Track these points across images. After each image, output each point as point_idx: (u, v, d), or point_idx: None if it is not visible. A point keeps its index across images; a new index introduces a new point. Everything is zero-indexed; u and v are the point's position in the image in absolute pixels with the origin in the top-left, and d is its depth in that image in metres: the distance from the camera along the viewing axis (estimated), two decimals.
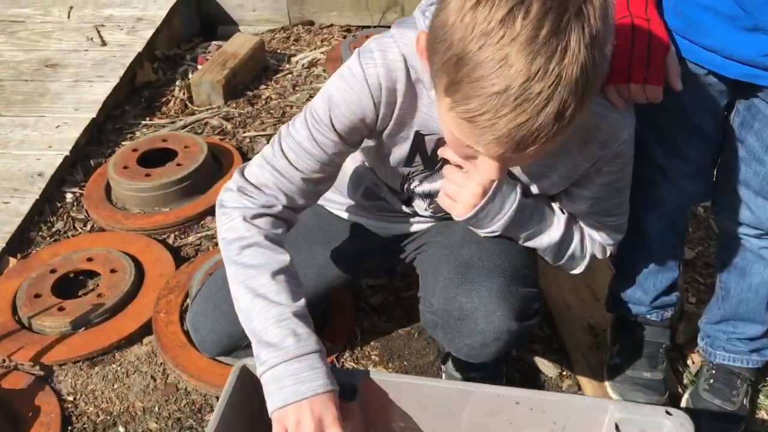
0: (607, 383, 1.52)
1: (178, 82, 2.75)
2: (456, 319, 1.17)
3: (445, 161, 1.14)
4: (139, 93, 2.70)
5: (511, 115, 0.82)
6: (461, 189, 1.13)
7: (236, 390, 1.14)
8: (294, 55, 2.98)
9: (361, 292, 1.84)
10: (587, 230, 1.27)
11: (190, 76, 2.74)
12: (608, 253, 1.30)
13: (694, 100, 1.21)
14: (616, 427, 1.06)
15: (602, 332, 1.64)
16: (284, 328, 1.03)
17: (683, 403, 1.51)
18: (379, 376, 1.13)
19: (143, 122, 2.54)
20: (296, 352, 1.02)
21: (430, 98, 1.07)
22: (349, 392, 1.11)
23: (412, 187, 1.27)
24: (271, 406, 1.02)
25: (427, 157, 1.17)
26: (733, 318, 1.47)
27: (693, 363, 1.62)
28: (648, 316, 1.52)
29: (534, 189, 1.19)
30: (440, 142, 1.13)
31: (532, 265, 1.25)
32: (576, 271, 1.32)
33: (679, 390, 1.56)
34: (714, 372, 1.50)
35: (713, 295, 1.51)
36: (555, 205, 1.25)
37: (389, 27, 1.13)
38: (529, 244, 1.23)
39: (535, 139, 0.84)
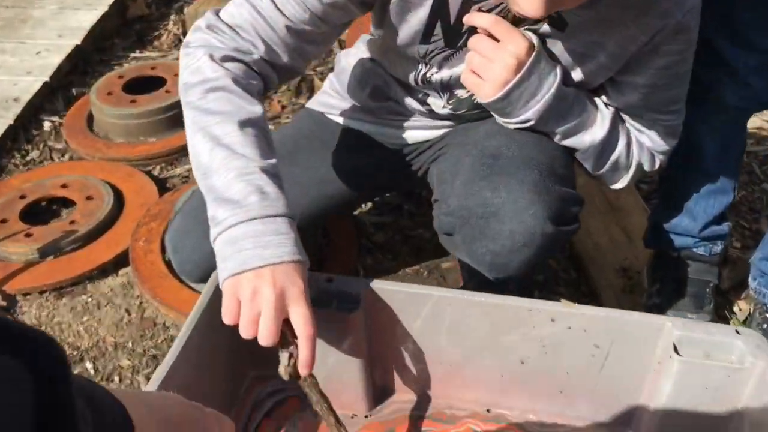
0: None
1: (172, 17, 2.55)
2: (479, 217, 0.95)
3: (472, 31, 0.95)
4: (129, 26, 2.50)
5: None
6: (491, 63, 0.93)
7: (212, 300, 0.96)
8: None
9: (364, 230, 1.65)
10: (635, 133, 1.08)
11: (185, 11, 2.54)
12: (657, 164, 1.11)
13: None
14: (675, 348, 0.86)
15: (636, 274, 1.45)
16: (248, 184, 0.84)
17: None
18: (386, 285, 0.94)
19: (133, 55, 2.35)
20: (261, 212, 0.83)
21: None
22: (350, 302, 0.92)
23: (428, 75, 1.07)
24: (223, 274, 0.83)
25: (450, 27, 0.97)
26: None
27: (740, 310, 1.43)
28: (695, 250, 1.33)
29: (576, 75, 1.00)
30: (466, 6, 0.93)
31: (570, 165, 1.05)
32: (618, 185, 1.12)
33: None
34: (765, 315, 1.31)
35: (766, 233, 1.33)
36: (599, 100, 1.05)
37: None
38: (567, 142, 1.04)
39: None
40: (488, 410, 1.03)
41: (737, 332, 0.86)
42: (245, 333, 0.82)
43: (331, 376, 0.94)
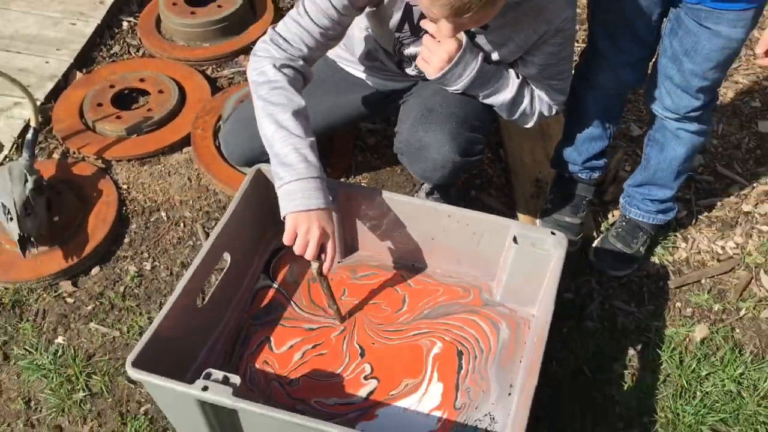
0: (537, 221, 1.95)
1: None
2: (416, 148, 1.58)
3: (422, 33, 1.50)
4: None
5: None
6: (433, 55, 1.49)
7: (251, 186, 1.59)
8: None
9: (360, 133, 2.24)
10: (537, 92, 1.63)
11: None
12: (554, 111, 1.66)
13: (635, 7, 1.53)
14: (515, 239, 1.49)
15: (545, 185, 2.05)
16: (299, 154, 1.40)
17: (594, 244, 1.94)
18: (350, 187, 1.57)
19: None
20: (307, 174, 1.40)
21: None
22: (333, 196, 1.55)
23: (403, 50, 1.63)
24: (284, 210, 1.41)
25: (413, 26, 1.53)
26: (649, 183, 1.86)
27: (612, 217, 2.04)
28: (579, 174, 1.92)
29: (495, 57, 1.54)
30: (423, 15, 1.48)
31: (484, 119, 1.63)
32: (528, 125, 1.68)
33: (594, 234, 1.98)
34: (624, 224, 1.92)
35: (639, 166, 1.90)
36: (512, 72, 1.61)
37: None
38: (488, 101, 1.60)
39: (468, 8, 1.21)
40: (413, 265, 1.68)
41: (552, 233, 1.48)
42: (299, 251, 1.40)
43: None
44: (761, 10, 1.45)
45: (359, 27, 1.71)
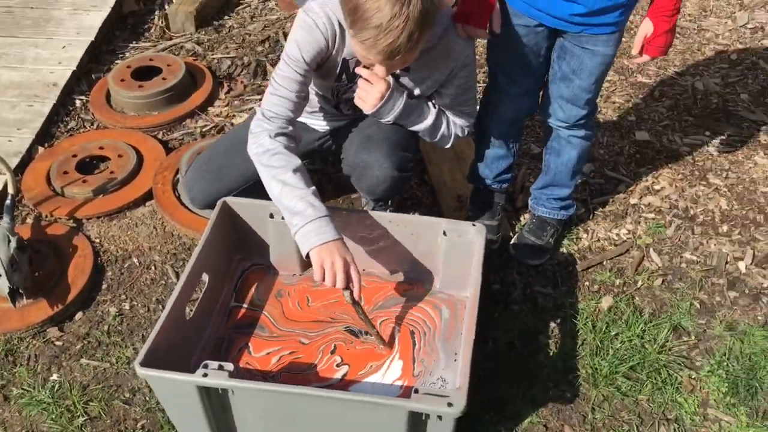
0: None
1: (156, 12, 3.35)
2: (361, 167, 1.92)
3: (359, 76, 1.85)
4: (125, 21, 3.30)
5: (383, 39, 1.52)
6: (368, 95, 1.82)
7: (219, 216, 1.87)
8: None
9: None
10: (451, 117, 1.98)
11: (166, 7, 3.34)
12: (466, 132, 2.02)
13: (527, 46, 1.89)
14: (444, 232, 1.82)
15: (465, 199, 2.41)
16: (305, 202, 1.65)
17: (512, 240, 2.29)
18: None
19: (131, 45, 3.16)
20: (315, 216, 1.64)
21: (350, 35, 1.76)
22: None
23: (340, 95, 1.97)
24: (305, 249, 1.64)
25: (350, 75, 1.87)
26: (551, 184, 2.23)
27: (523, 219, 2.41)
28: (492, 186, 2.28)
29: (417, 91, 1.90)
30: (357, 63, 1.83)
31: (411, 142, 1.98)
32: (447, 146, 2.03)
33: (511, 234, 2.34)
34: (534, 221, 2.29)
35: (541, 172, 2.27)
36: (430, 104, 1.96)
37: None
38: (414, 128, 1.94)
39: (399, 51, 1.55)
40: (364, 270, 1.98)
41: (473, 225, 1.82)
42: (330, 284, 1.61)
43: (281, 253, 1.89)
44: (623, 32, 1.87)
45: None
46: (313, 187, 1.71)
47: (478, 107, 2.06)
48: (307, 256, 1.66)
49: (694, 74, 3.11)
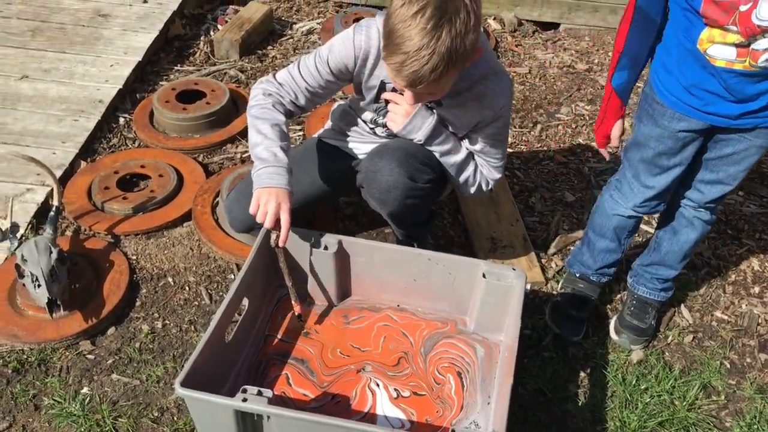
0: (548, 312, 2.23)
1: (202, 38, 3.43)
2: (372, 172, 1.93)
3: (386, 101, 1.90)
4: (171, 44, 3.38)
5: (408, 66, 1.57)
6: (396, 115, 1.87)
7: (262, 244, 1.90)
8: (295, 23, 3.67)
9: (338, 206, 2.59)
10: (479, 167, 2.02)
11: (212, 33, 3.42)
12: (489, 187, 2.05)
13: (679, 148, 1.79)
14: (483, 275, 1.84)
15: (498, 241, 2.43)
16: (270, 152, 1.78)
17: (612, 323, 2.20)
18: (347, 238, 1.90)
19: (175, 68, 3.23)
20: (274, 163, 1.76)
21: (382, 56, 1.75)
22: (330, 247, 1.88)
23: (377, 119, 2.01)
24: (254, 188, 1.76)
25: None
26: (658, 263, 2.12)
27: (555, 266, 2.41)
28: (591, 277, 2.22)
29: (449, 128, 1.94)
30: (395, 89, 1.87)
31: (434, 161, 1.95)
32: (467, 194, 2.06)
33: (545, 288, 2.34)
34: (635, 302, 2.17)
35: (647, 246, 2.18)
36: (464, 143, 2.00)
37: (374, 6, 1.86)
38: (443, 159, 1.96)
39: (422, 81, 1.59)
40: (398, 306, 2.00)
41: (513, 269, 1.83)
42: (259, 219, 1.73)
43: (320, 283, 1.91)
44: None
45: (342, 105, 2.09)
46: (286, 142, 1.82)
47: (505, 161, 2.04)
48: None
49: None
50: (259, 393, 1.52)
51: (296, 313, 1.91)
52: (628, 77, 1.81)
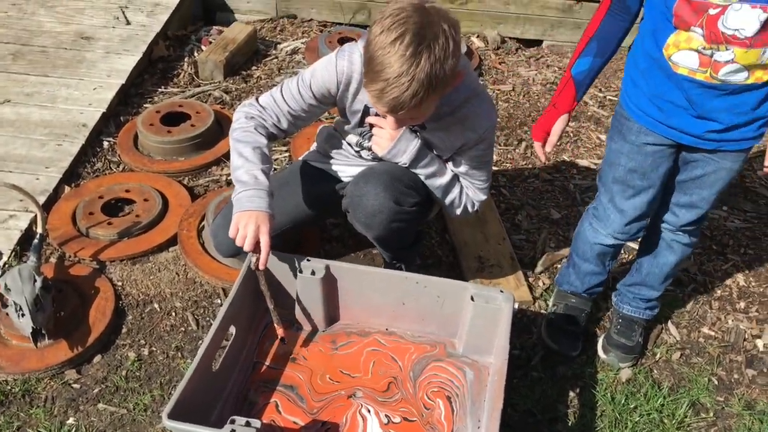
0: (542, 329, 2.23)
1: (186, 59, 3.42)
2: (357, 197, 1.93)
3: (371, 125, 1.90)
4: (154, 65, 3.37)
5: (389, 93, 1.57)
6: (381, 138, 1.87)
7: (248, 272, 1.89)
8: (280, 43, 3.68)
9: (325, 227, 2.59)
10: (465, 189, 2.02)
11: (196, 54, 3.42)
12: (475, 208, 2.05)
13: (650, 164, 1.81)
14: (472, 297, 1.84)
15: (486, 261, 2.43)
16: (251, 175, 1.77)
17: (600, 342, 2.20)
18: (334, 263, 1.90)
19: (159, 90, 3.22)
20: (254, 186, 1.76)
21: (363, 83, 1.76)
22: (317, 272, 1.87)
23: (362, 143, 2.02)
24: (235, 212, 1.76)
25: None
26: (640, 284, 2.15)
27: (543, 284, 2.42)
28: (581, 294, 2.24)
29: (435, 151, 1.94)
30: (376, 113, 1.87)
31: (419, 184, 1.95)
32: (453, 215, 2.06)
33: (534, 308, 2.35)
34: (621, 321, 2.19)
35: (631, 268, 2.19)
36: (448, 165, 2.00)
37: (358, 26, 1.87)
38: (428, 182, 1.96)
39: (402, 107, 1.59)
40: (387, 329, 1.99)
41: (501, 291, 1.83)
42: (239, 243, 1.73)
43: (307, 308, 1.90)
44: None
45: (327, 127, 2.09)
46: (267, 165, 1.83)
47: (491, 182, 2.05)
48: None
49: None
50: (248, 424, 1.51)
51: (279, 336, 1.90)
52: (591, 65, 1.80)
